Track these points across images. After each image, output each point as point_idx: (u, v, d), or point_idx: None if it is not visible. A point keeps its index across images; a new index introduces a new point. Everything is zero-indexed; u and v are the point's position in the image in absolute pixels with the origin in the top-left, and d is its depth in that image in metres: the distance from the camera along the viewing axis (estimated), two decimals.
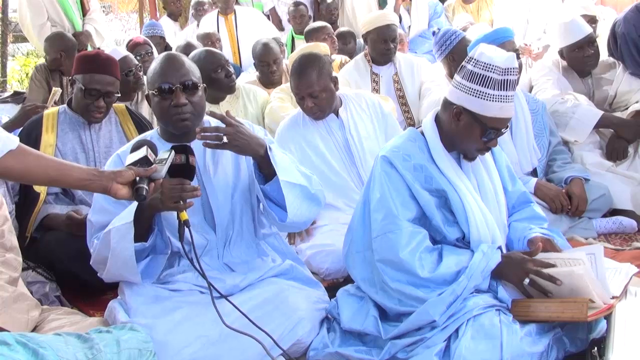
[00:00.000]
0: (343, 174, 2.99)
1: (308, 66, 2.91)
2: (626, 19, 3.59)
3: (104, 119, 2.99)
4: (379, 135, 3.11)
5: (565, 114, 3.45)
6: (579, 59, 3.62)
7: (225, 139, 2.04)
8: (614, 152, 3.43)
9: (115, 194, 1.81)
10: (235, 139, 2.06)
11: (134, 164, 1.88)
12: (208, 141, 2.06)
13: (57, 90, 3.97)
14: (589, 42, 3.60)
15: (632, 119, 3.47)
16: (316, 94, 2.92)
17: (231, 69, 3.53)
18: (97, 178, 1.80)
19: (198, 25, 6.18)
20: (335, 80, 2.98)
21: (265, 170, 2.17)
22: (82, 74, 2.91)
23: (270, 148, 2.14)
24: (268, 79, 4.17)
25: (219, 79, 3.40)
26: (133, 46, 4.58)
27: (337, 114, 3.06)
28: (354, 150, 3.01)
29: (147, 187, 1.82)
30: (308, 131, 3.04)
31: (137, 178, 1.83)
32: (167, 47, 5.88)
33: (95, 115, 2.92)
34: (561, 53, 3.70)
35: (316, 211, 2.32)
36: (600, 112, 3.45)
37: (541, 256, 2.06)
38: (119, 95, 3.03)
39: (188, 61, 2.28)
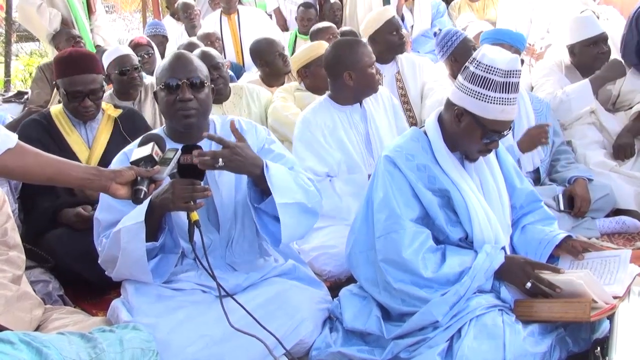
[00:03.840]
0: (362, 166, 3.01)
1: (361, 40, 3.08)
2: None
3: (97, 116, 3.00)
4: (393, 127, 3.16)
5: (562, 101, 3.49)
6: (593, 55, 3.60)
7: (221, 162, 2.01)
8: (621, 149, 3.42)
9: (114, 193, 1.81)
10: (230, 161, 2.04)
11: (138, 161, 1.87)
12: (205, 162, 2.00)
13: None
14: (604, 39, 3.59)
15: (614, 60, 3.54)
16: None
17: (222, 73, 3.51)
18: (96, 177, 1.80)
19: (187, 30, 6.15)
20: None
21: (261, 185, 2.15)
22: (61, 79, 2.90)
23: (267, 166, 2.11)
24: (281, 70, 4.16)
25: None
26: (134, 47, 4.58)
27: (360, 104, 3.08)
28: (374, 142, 3.04)
29: (145, 190, 1.81)
30: (332, 120, 3.05)
31: (138, 178, 1.82)
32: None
33: (85, 114, 2.93)
34: (572, 49, 3.66)
35: (312, 224, 2.31)
36: (587, 80, 3.50)
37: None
38: (104, 90, 3.01)
39: (197, 60, 2.30)
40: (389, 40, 4.10)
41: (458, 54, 3.61)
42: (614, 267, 2.04)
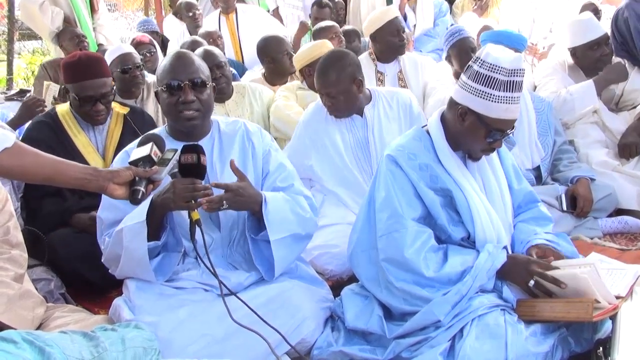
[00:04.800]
0: (355, 172, 3.01)
1: (330, 66, 2.94)
2: (628, 5, 3.61)
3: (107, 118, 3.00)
4: None
5: (566, 101, 3.50)
6: (595, 58, 3.59)
7: (225, 204, 2.12)
8: (627, 148, 3.41)
9: (111, 194, 1.81)
10: (234, 202, 2.14)
11: (137, 161, 1.87)
12: (212, 207, 2.10)
13: (49, 84, 3.97)
14: (606, 40, 3.59)
15: (618, 63, 3.55)
16: (333, 95, 2.95)
17: (225, 72, 3.51)
18: (94, 177, 1.79)
19: (189, 29, 6.06)
20: (359, 83, 2.97)
21: (259, 215, 2.21)
22: (72, 84, 2.90)
23: (265, 201, 2.18)
24: (287, 70, 4.16)
25: None
26: (136, 45, 4.58)
27: (362, 113, 3.05)
28: (373, 150, 3.01)
29: (143, 190, 1.81)
30: (329, 124, 3.06)
31: (137, 178, 1.82)
32: (163, 41, 5.89)
33: (96, 118, 2.93)
34: (574, 52, 3.64)
35: (305, 247, 2.42)
36: (591, 80, 3.51)
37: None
38: (114, 93, 3.01)
39: (198, 59, 2.31)
40: (389, 42, 4.11)
41: (453, 53, 3.63)
42: (619, 277, 2.03)
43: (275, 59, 4.13)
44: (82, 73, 2.87)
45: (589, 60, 3.61)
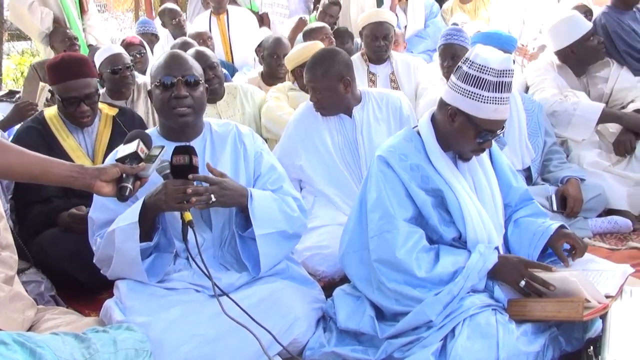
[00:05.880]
0: (345, 173, 3.01)
1: (320, 61, 2.96)
2: (605, 13, 3.70)
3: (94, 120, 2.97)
4: None
5: (566, 111, 3.47)
6: (593, 47, 3.61)
7: (213, 197, 2.09)
8: (621, 144, 3.43)
9: (99, 191, 1.80)
10: (221, 195, 2.11)
11: (124, 158, 1.87)
12: (201, 203, 2.07)
13: (45, 86, 3.95)
14: (596, 31, 3.64)
15: (634, 112, 3.51)
16: (319, 90, 2.96)
17: (217, 73, 3.50)
18: (80, 175, 1.78)
19: (174, 35, 5.94)
20: (347, 83, 2.96)
21: (247, 212, 2.20)
22: (56, 85, 2.88)
23: (251, 196, 2.18)
24: (275, 73, 4.16)
25: None
26: (126, 46, 4.56)
27: (351, 113, 3.05)
28: (362, 151, 3.01)
29: (131, 187, 1.81)
30: (319, 123, 3.06)
31: (124, 175, 1.82)
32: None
33: (81, 120, 2.89)
34: (570, 49, 3.62)
35: (293, 246, 2.42)
36: (602, 105, 3.48)
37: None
38: (99, 94, 2.98)
39: (192, 59, 2.32)
40: (368, 44, 4.18)
41: (438, 51, 3.69)
42: (610, 276, 2.04)
43: (279, 56, 4.13)
44: (65, 74, 2.84)
45: (590, 50, 3.61)
